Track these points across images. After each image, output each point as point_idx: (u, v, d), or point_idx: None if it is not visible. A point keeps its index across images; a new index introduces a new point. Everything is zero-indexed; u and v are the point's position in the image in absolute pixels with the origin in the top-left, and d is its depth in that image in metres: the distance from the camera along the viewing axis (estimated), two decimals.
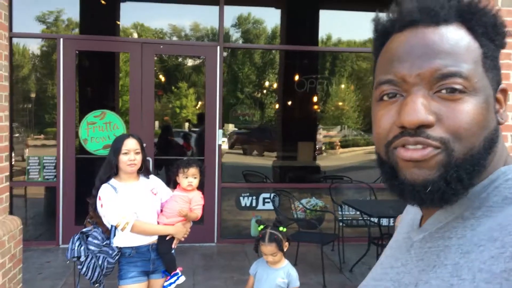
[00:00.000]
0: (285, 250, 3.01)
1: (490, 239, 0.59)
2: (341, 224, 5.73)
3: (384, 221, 5.07)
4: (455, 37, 0.65)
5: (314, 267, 5.12)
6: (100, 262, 2.92)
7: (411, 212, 0.82)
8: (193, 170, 3.09)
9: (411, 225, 0.78)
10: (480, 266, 0.57)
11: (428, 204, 0.65)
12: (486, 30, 0.67)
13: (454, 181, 0.63)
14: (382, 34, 0.73)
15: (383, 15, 0.73)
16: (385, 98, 0.68)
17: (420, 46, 0.66)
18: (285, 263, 3.00)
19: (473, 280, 0.57)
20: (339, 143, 11.41)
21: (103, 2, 6.89)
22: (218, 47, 6.05)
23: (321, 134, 9.60)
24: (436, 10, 0.66)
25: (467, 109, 0.63)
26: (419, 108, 0.63)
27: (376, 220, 5.12)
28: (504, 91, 0.70)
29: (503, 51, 0.72)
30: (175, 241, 3.10)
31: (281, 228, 3.04)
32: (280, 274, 2.95)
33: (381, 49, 0.73)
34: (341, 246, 5.37)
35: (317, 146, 8.79)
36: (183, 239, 3.14)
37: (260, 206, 6.38)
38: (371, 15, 0.76)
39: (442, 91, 0.64)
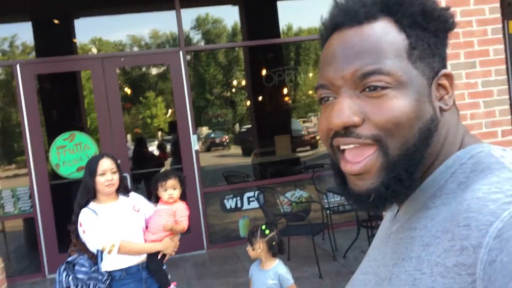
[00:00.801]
0: (268, 251, 2.95)
1: (444, 230, 0.58)
2: (328, 212, 5.72)
3: None
4: (377, 33, 0.65)
5: (307, 259, 5.09)
6: None
7: None
8: (172, 182, 3.01)
9: (391, 215, 0.77)
10: (436, 259, 0.57)
11: (374, 210, 0.67)
12: (413, 19, 0.66)
13: (393, 183, 0.64)
14: (322, 39, 0.74)
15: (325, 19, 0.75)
16: (323, 102, 0.70)
17: (342, 49, 0.67)
18: (275, 263, 2.95)
19: (431, 274, 0.57)
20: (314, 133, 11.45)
21: (56, 21, 6.70)
22: (181, 52, 5.94)
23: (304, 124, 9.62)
24: (355, 10, 0.67)
25: (393, 103, 0.63)
26: (343, 109, 0.64)
27: None
28: (448, 76, 0.69)
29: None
30: (165, 257, 3.02)
31: (267, 232, 2.99)
32: (270, 276, 2.90)
33: None
34: (331, 234, 5.35)
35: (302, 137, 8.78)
36: (173, 253, 3.06)
37: (245, 206, 6.32)
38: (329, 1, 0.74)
39: (366, 90, 0.64)
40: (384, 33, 0.66)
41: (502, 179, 0.58)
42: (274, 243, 2.94)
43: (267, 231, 2.97)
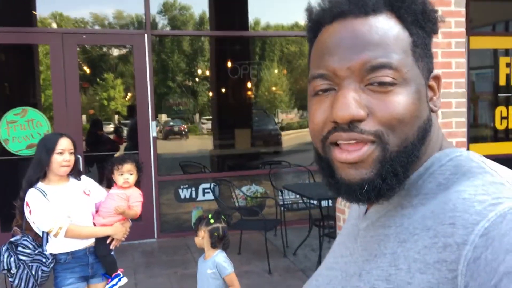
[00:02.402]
0: (209, 240, 2.92)
1: (424, 228, 0.59)
2: (282, 209, 5.75)
3: (324, 203, 5.13)
4: (384, 27, 0.64)
5: (258, 254, 5.10)
6: (33, 272, 2.70)
7: None
8: (129, 166, 2.94)
9: (358, 213, 0.76)
10: (414, 256, 0.57)
11: (365, 202, 0.65)
12: (415, 18, 0.66)
13: (389, 176, 0.63)
14: (315, 25, 0.70)
15: (315, 5, 0.71)
16: (320, 93, 0.67)
17: (349, 38, 0.64)
18: (215, 253, 2.92)
19: (409, 270, 0.57)
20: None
21: None
22: (146, 35, 5.80)
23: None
24: (364, 1, 0.65)
25: (398, 100, 0.62)
26: (350, 102, 0.62)
27: (316, 202, 5.18)
28: (437, 78, 0.70)
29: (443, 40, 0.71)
30: (114, 242, 2.94)
31: (211, 221, 2.96)
32: (209, 265, 2.88)
33: (314, 41, 0.70)
34: (283, 231, 5.39)
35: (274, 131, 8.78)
36: (123, 239, 2.98)
37: (200, 197, 6.26)
38: None
39: (373, 84, 0.63)
40: (390, 27, 0.65)
41: (487, 182, 0.59)
42: (215, 233, 2.90)
43: (212, 220, 2.95)
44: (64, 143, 2.77)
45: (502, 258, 0.50)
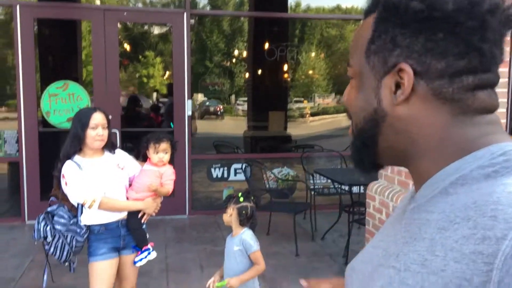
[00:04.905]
0: (238, 218, 2.95)
1: (465, 217, 0.59)
2: (313, 193, 5.75)
3: (355, 189, 5.10)
4: (362, 27, 0.73)
5: (286, 236, 5.14)
6: (68, 241, 2.82)
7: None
8: (164, 145, 2.98)
9: (410, 194, 0.79)
10: (452, 244, 0.58)
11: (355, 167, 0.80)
12: (384, 14, 0.68)
13: (354, 149, 0.76)
14: None
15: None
16: None
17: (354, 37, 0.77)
18: (242, 231, 2.96)
19: (445, 257, 0.58)
20: (308, 112, 11.41)
21: None
22: (185, 14, 5.84)
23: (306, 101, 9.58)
24: (367, 4, 0.74)
25: (349, 92, 0.76)
26: (345, 93, 0.78)
27: (347, 188, 5.15)
28: (402, 70, 0.67)
29: None
30: (145, 216, 3.02)
31: (241, 199, 2.99)
32: (236, 242, 2.91)
33: None
34: (313, 215, 5.39)
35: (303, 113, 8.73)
36: (154, 214, 3.06)
37: (231, 177, 6.33)
38: None
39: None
40: (365, 27, 0.72)
41: None
42: (244, 212, 2.93)
43: (241, 199, 2.97)
44: (98, 118, 2.83)
45: None
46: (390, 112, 0.70)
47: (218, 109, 11.87)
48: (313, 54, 10.28)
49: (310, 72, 10.42)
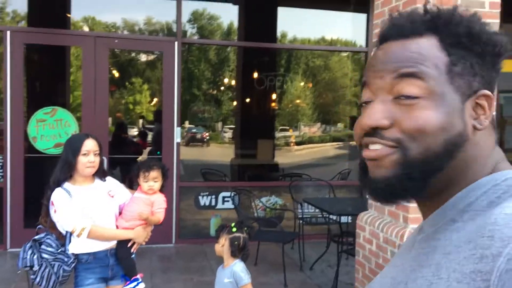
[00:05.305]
0: (229, 249, 2.93)
1: (467, 241, 0.62)
2: (301, 222, 5.73)
3: (344, 219, 5.10)
4: (419, 46, 0.70)
5: (275, 266, 5.09)
6: (55, 270, 2.75)
7: None
8: (154, 174, 2.96)
9: (419, 226, 0.81)
10: (455, 266, 0.61)
11: (383, 199, 0.72)
12: (458, 40, 0.70)
13: (405, 178, 0.68)
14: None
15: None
16: (363, 104, 0.75)
17: (383, 54, 0.73)
18: (233, 262, 2.93)
19: (448, 279, 0.60)
20: (293, 141, 11.45)
21: None
22: (176, 42, 5.89)
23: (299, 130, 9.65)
24: (403, 25, 0.72)
25: (422, 113, 0.67)
26: (374, 112, 0.70)
27: (335, 217, 5.15)
28: (487, 97, 0.71)
29: None
30: (135, 246, 2.97)
31: (234, 230, 2.98)
32: (226, 275, 2.88)
33: None
34: (301, 244, 5.36)
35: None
36: (144, 243, 3.01)
37: (219, 205, 6.28)
38: (327, 13, 0.77)
39: (401, 98, 0.69)
40: (425, 47, 0.70)
41: None
42: (236, 242, 2.91)
43: (234, 229, 2.96)
44: (90, 144, 2.81)
45: None
46: (471, 136, 0.70)
47: (204, 136, 11.85)
48: (300, 83, 10.42)
49: (297, 101, 10.52)
